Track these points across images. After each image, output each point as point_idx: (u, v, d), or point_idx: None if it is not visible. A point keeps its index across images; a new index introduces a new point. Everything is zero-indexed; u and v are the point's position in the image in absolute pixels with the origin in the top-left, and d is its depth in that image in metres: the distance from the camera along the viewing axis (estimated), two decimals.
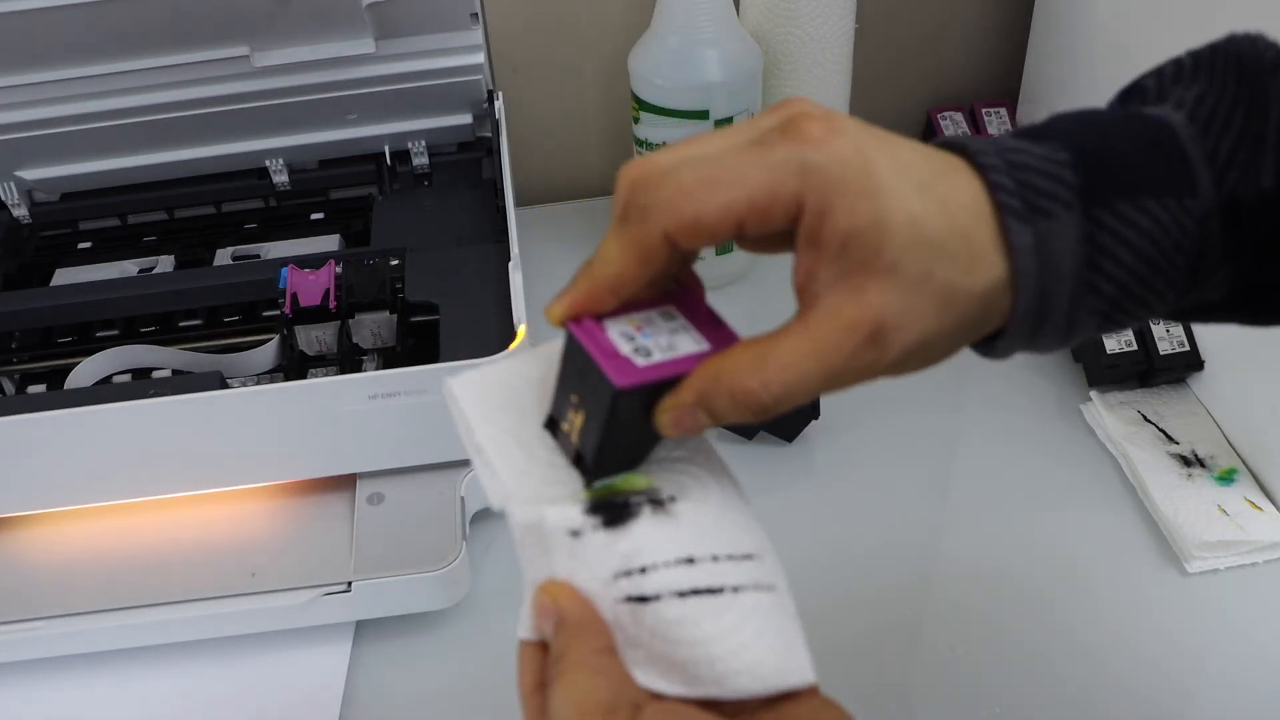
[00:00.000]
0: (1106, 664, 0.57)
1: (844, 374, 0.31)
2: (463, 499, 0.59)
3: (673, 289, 0.35)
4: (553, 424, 0.35)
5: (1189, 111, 0.33)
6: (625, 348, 0.32)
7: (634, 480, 0.33)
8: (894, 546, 0.63)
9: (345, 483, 0.61)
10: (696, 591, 0.31)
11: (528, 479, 0.33)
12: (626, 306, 0.33)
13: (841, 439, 0.69)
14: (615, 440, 0.33)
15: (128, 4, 0.63)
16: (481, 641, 0.58)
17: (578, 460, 0.34)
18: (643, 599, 0.31)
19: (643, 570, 0.31)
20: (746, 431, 0.69)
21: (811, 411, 0.68)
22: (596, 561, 0.32)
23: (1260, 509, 0.62)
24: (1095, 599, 0.60)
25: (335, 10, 0.66)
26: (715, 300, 0.35)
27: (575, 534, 0.32)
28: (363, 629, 0.59)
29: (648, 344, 0.33)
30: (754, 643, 0.31)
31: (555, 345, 0.35)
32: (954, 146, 0.33)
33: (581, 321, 0.33)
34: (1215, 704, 0.55)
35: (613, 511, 0.32)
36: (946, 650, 0.58)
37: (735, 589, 0.32)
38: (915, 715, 0.56)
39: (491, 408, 0.35)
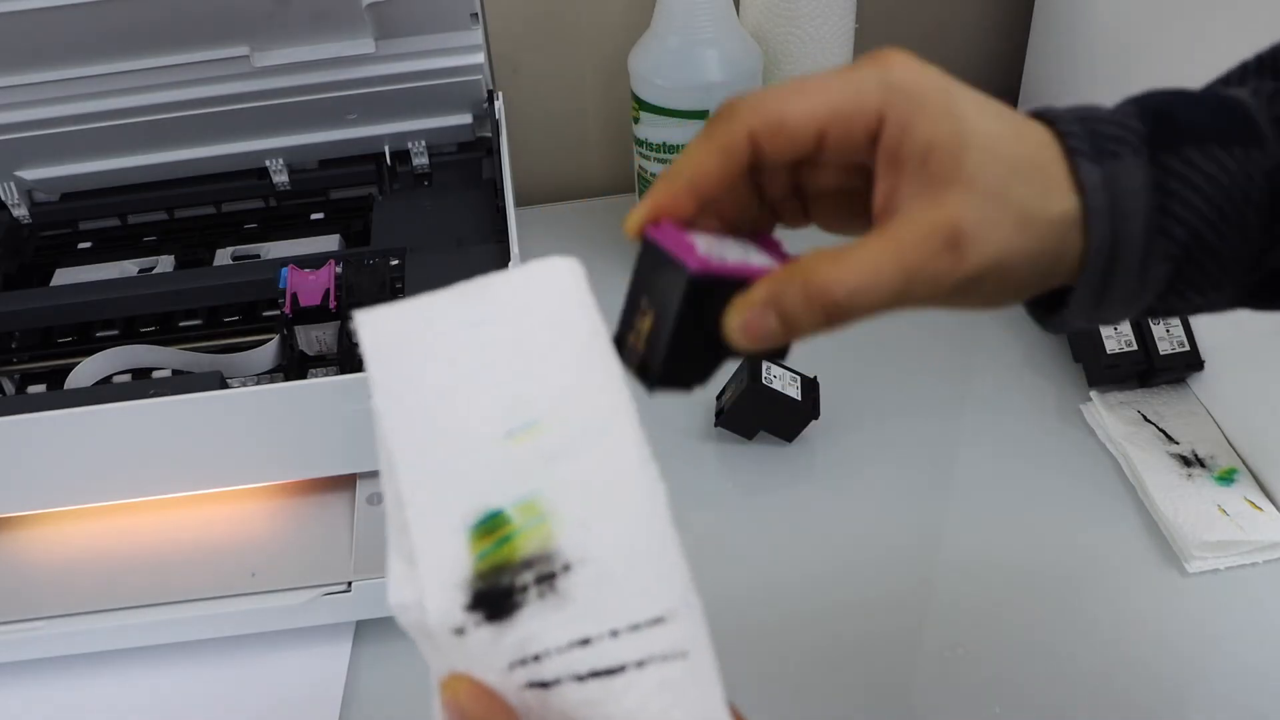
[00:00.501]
0: (1107, 664, 0.57)
1: (919, 279, 0.31)
2: None
3: (750, 235, 0.34)
4: (619, 342, 0.33)
5: (1253, 88, 0.34)
6: (701, 248, 0.32)
7: (527, 541, 0.30)
8: (894, 546, 0.63)
9: (345, 483, 0.61)
10: (595, 674, 0.29)
11: (423, 554, 0.30)
12: (707, 231, 0.33)
13: (841, 439, 0.69)
14: (684, 342, 0.31)
15: (128, 4, 0.63)
16: None
17: (642, 369, 0.32)
18: (543, 684, 0.29)
19: (536, 658, 0.29)
20: (747, 431, 0.69)
21: (812, 411, 0.68)
22: (488, 656, 0.29)
23: (1260, 509, 0.62)
24: (1095, 599, 0.60)
25: (335, 10, 0.66)
26: None
27: (459, 632, 0.29)
28: (363, 629, 0.59)
29: (724, 253, 0.32)
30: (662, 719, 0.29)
31: (495, 280, 0.33)
32: (1032, 112, 0.34)
33: (660, 224, 0.32)
34: (1215, 704, 0.55)
35: (494, 604, 0.29)
36: (947, 650, 0.58)
37: (639, 664, 0.29)
38: (916, 715, 0.56)
39: (410, 389, 0.31)
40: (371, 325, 0.32)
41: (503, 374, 0.32)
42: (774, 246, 0.35)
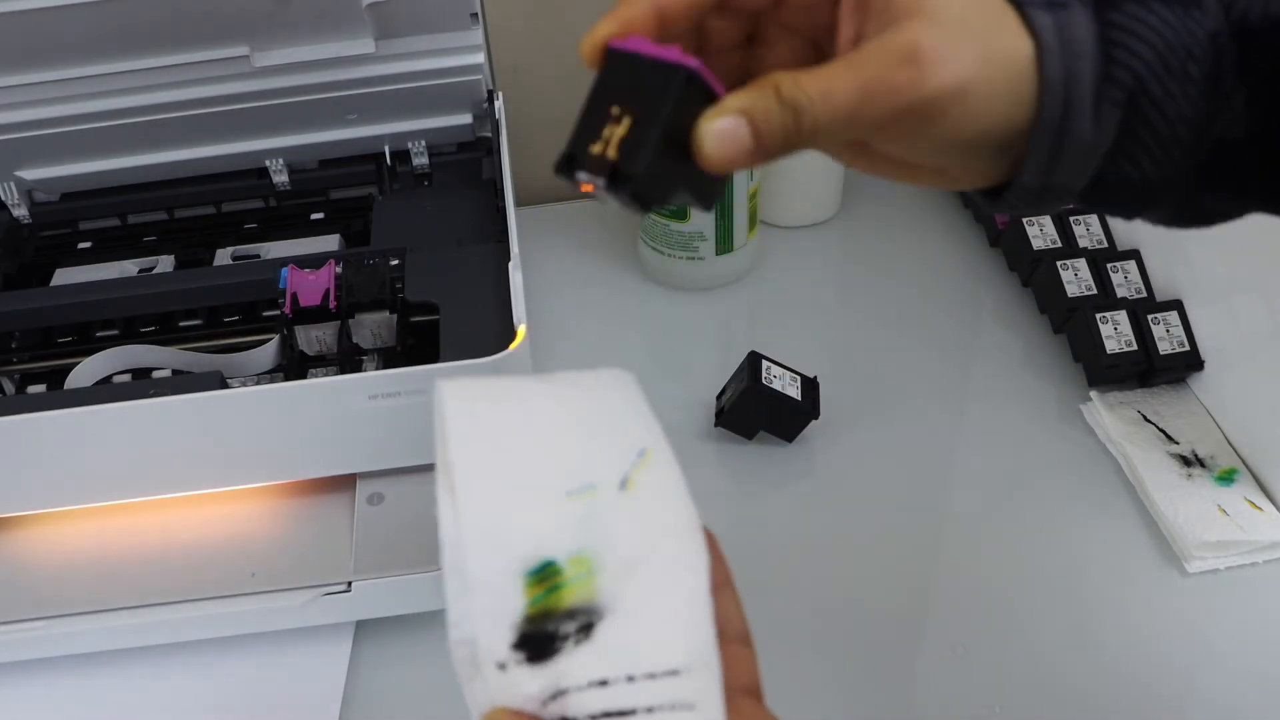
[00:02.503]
0: (1107, 664, 0.57)
1: (879, 89, 0.32)
2: None
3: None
4: (572, 157, 0.33)
5: None
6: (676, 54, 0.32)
7: (575, 592, 0.33)
8: (894, 546, 0.63)
9: (345, 483, 0.61)
10: (607, 714, 0.31)
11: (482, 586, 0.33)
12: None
13: (841, 439, 0.69)
14: (665, 147, 0.31)
15: (128, 4, 0.63)
16: None
17: (614, 177, 0.32)
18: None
19: (563, 693, 0.32)
20: (747, 431, 0.69)
21: (812, 411, 0.68)
22: (524, 692, 0.32)
23: (1260, 509, 0.62)
24: (1095, 599, 0.60)
25: (335, 10, 0.66)
26: (716, 299, 0.35)
27: (501, 667, 0.32)
28: (363, 629, 0.59)
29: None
30: None
31: (564, 376, 0.37)
32: None
33: (628, 39, 0.33)
34: (1215, 704, 0.55)
35: (537, 647, 0.32)
36: (947, 650, 0.58)
37: (649, 709, 0.31)
38: (916, 714, 0.56)
39: (483, 448, 0.35)
40: (454, 391, 0.35)
41: (566, 444, 0.35)
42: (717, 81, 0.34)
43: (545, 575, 0.33)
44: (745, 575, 0.65)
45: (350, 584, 0.56)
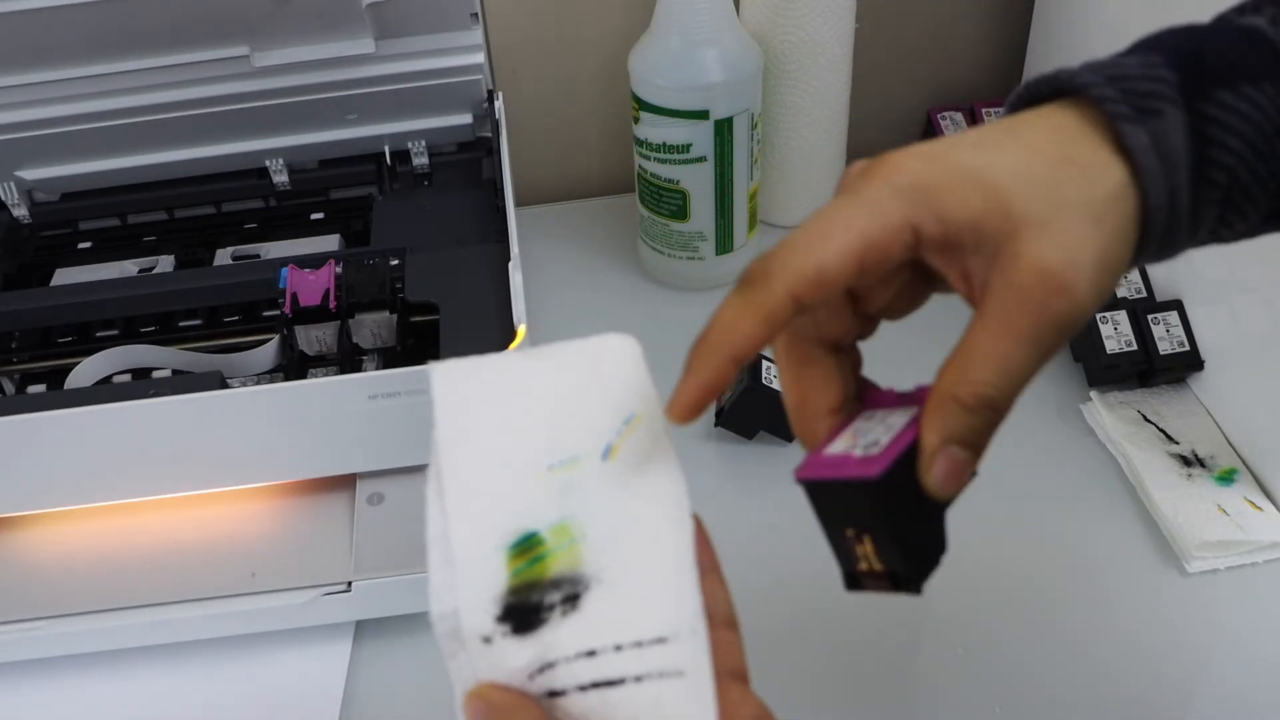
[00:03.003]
0: (1107, 664, 0.57)
1: (1046, 333, 0.31)
2: None
3: (857, 404, 0.37)
4: (854, 580, 0.36)
5: (1270, 16, 0.34)
6: (857, 453, 0.33)
7: (558, 562, 0.33)
8: None
9: (345, 483, 0.61)
10: (596, 684, 0.31)
11: (467, 560, 0.33)
12: (830, 435, 0.35)
13: None
14: (908, 533, 0.33)
15: (128, 4, 0.63)
16: None
17: (897, 583, 0.35)
18: (553, 694, 0.31)
19: (550, 666, 0.31)
20: (747, 431, 0.69)
21: None
22: (510, 665, 0.32)
23: (1260, 509, 0.62)
24: (1095, 599, 0.60)
25: (335, 10, 0.66)
26: (716, 299, 0.35)
27: (487, 640, 0.32)
28: (363, 629, 0.59)
29: (869, 440, 0.34)
30: None
31: (561, 346, 0.36)
32: (1048, 82, 0.34)
33: (804, 465, 0.34)
34: (1215, 704, 0.55)
35: (522, 618, 0.32)
36: (947, 650, 0.58)
37: (637, 678, 0.31)
38: (916, 714, 0.56)
39: (468, 426, 0.35)
40: (443, 372, 0.36)
41: (552, 418, 0.35)
42: (885, 395, 0.37)
43: (528, 547, 0.33)
44: (745, 575, 0.65)
45: (350, 584, 0.56)
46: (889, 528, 0.32)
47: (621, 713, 0.31)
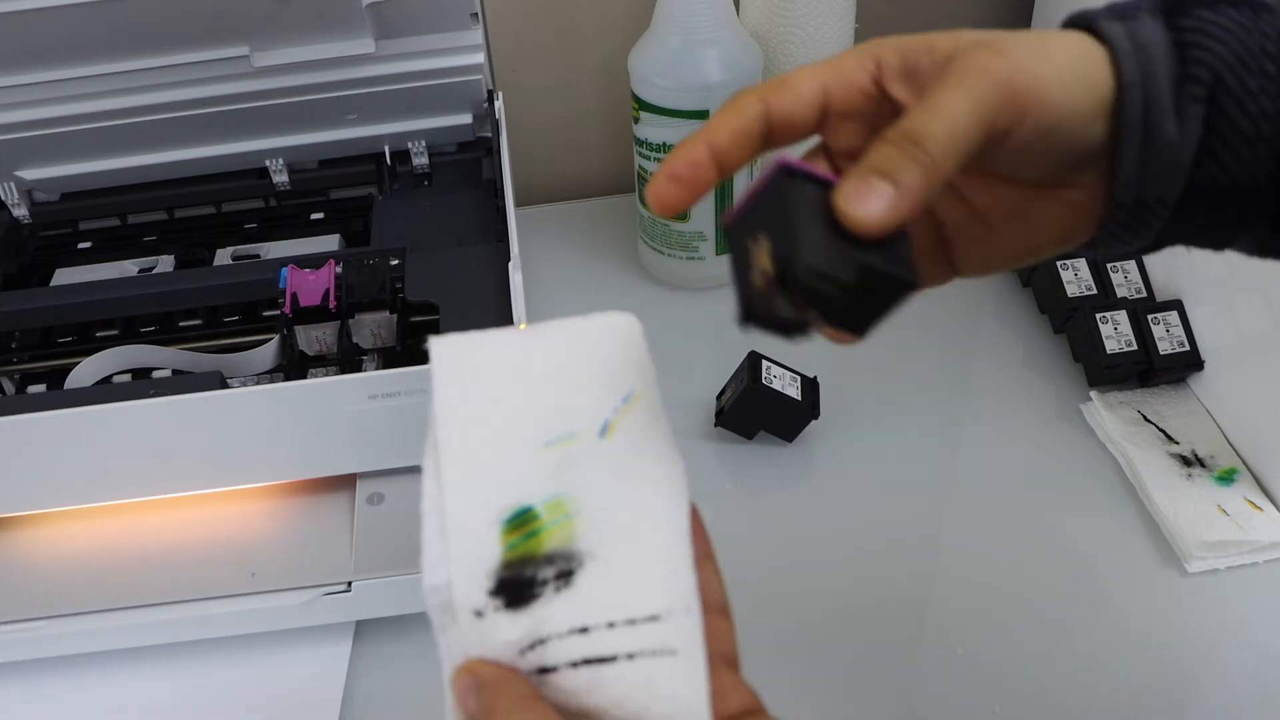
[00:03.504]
0: (1107, 663, 0.57)
1: (974, 75, 0.33)
2: None
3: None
4: (747, 311, 0.31)
5: None
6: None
7: (552, 537, 0.33)
8: (894, 546, 0.63)
9: (345, 483, 0.61)
10: (588, 661, 0.31)
11: (458, 533, 0.33)
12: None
13: (841, 439, 0.69)
14: (806, 233, 0.30)
15: (128, 4, 0.63)
16: None
17: (783, 282, 0.30)
18: (544, 670, 0.31)
19: (542, 642, 0.31)
20: (747, 431, 0.69)
21: (811, 411, 0.68)
22: (502, 640, 0.32)
23: (1260, 509, 0.62)
24: (1095, 599, 0.60)
25: (335, 10, 0.66)
26: (716, 299, 0.35)
27: (479, 614, 0.32)
28: (363, 629, 0.59)
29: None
30: (645, 713, 0.31)
31: (562, 323, 0.36)
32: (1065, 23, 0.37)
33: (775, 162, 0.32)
34: (1216, 704, 0.55)
35: (515, 592, 0.32)
36: (947, 650, 0.58)
37: (629, 655, 0.31)
38: (916, 714, 0.56)
39: (466, 400, 0.35)
40: (442, 346, 0.36)
41: (550, 394, 0.35)
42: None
43: (522, 521, 0.33)
44: (745, 575, 0.65)
45: (350, 584, 0.56)
46: (791, 222, 0.30)
47: (613, 690, 0.31)
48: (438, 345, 0.36)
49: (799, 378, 0.69)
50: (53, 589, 0.58)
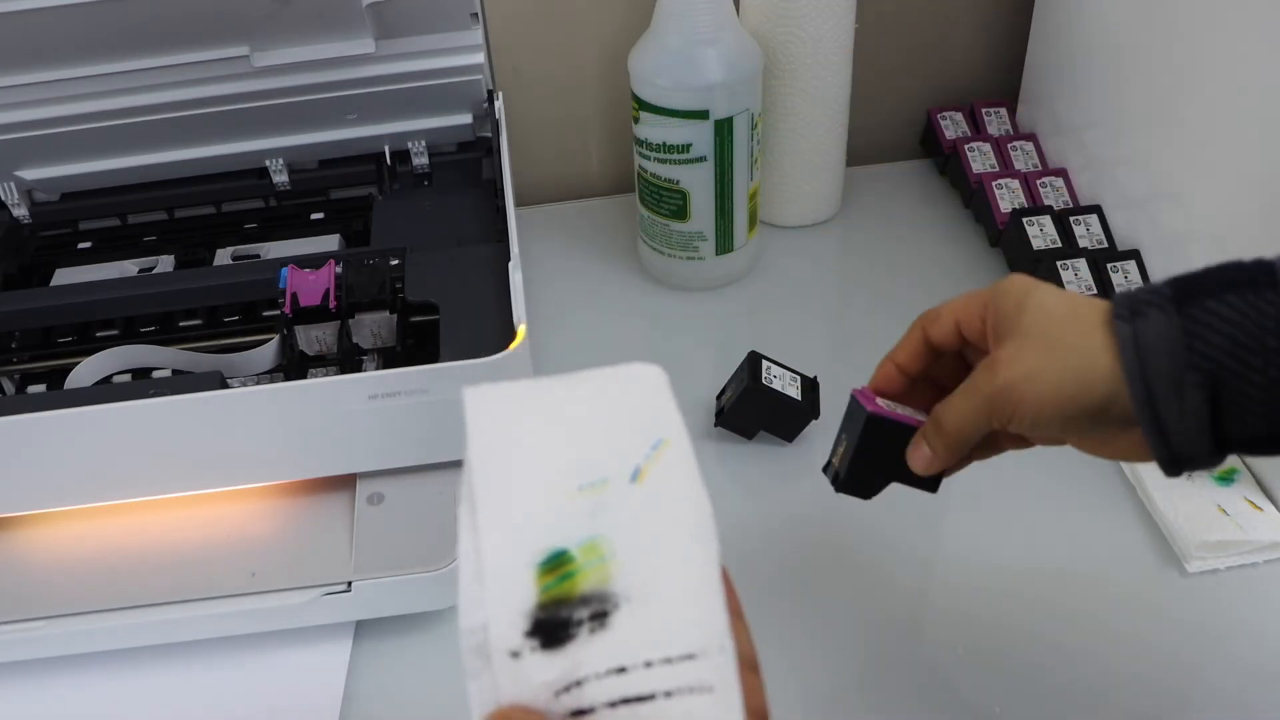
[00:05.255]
0: (1107, 664, 0.57)
1: (972, 393, 0.45)
2: None
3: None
4: (827, 467, 0.52)
5: None
6: (883, 406, 0.49)
7: (587, 579, 0.33)
8: (894, 546, 0.63)
9: (345, 483, 0.61)
10: (626, 700, 0.32)
11: (495, 577, 0.34)
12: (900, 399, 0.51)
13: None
14: (862, 462, 0.49)
15: (128, 4, 0.63)
16: None
17: (835, 479, 0.51)
18: (580, 712, 0.32)
19: (579, 684, 0.32)
20: (747, 431, 0.69)
21: (811, 411, 0.68)
22: (537, 682, 0.32)
23: (1260, 509, 0.62)
24: (1095, 599, 0.60)
25: (335, 10, 0.66)
26: (716, 299, 0.35)
27: (515, 655, 0.32)
28: (363, 629, 0.60)
29: (893, 410, 0.50)
30: None
31: (590, 374, 0.39)
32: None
33: (861, 391, 0.51)
34: (1216, 704, 0.55)
35: (551, 633, 0.33)
36: (947, 650, 0.58)
37: (667, 693, 0.32)
38: (915, 714, 0.56)
39: (500, 448, 0.36)
40: (475, 396, 0.37)
41: (581, 442, 0.36)
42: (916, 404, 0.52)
43: (558, 564, 0.33)
44: (745, 574, 0.65)
45: (350, 584, 0.56)
46: (858, 447, 0.47)
47: None
48: (471, 395, 0.37)
49: (799, 378, 0.69)
50: (53, 589, 0.58)
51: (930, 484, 0.50)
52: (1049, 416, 0.43)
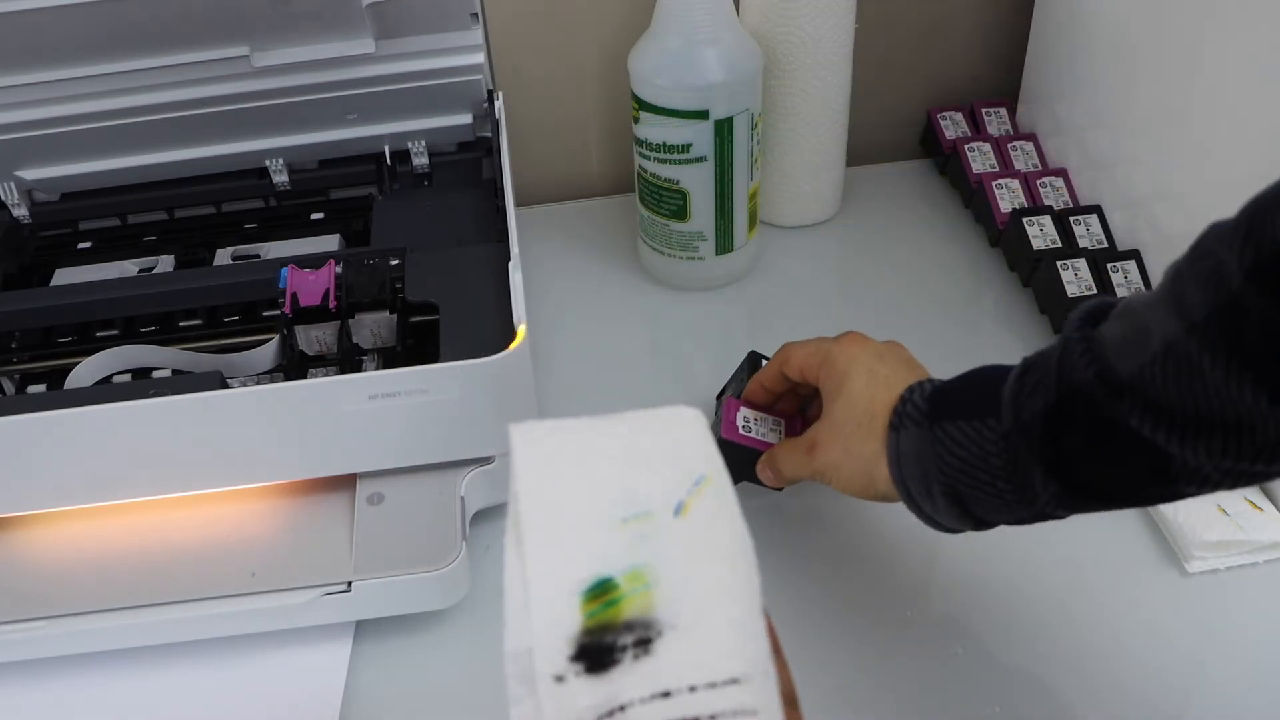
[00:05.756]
0: (1107, 664, 0.57)
1: (799, 460, 0.56)
2: (463, 499, 0.59)
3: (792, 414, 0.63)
4: None
5: (1019, 368, 0.48)
6: (739, 423, 0.61)
7: (632, 606, 0.34)
8: (894, 546, 0.63)
9: (345, 483, 0.61)
10: None
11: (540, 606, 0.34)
12: (765, 409, 0.63)
13: None
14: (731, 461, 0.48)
15: (128, 4, 0.63)
16: (481, 641, 0.58)
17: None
18: None
19: (621, 709, 0.32)
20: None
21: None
22: (580, 705, 0.33)
23: (1260, 509, 0.62)
24: (1095, 599, 0.60)
25: (335, 10, 0.66)
26: (716, 299, 0.35)
27: (559, 679, 0.33)
28: (363, 629, 0.60)
29: (752, 429, 0.61)
30: None
31: (632, 415, 0.40)
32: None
33: (730, 401, 0.62)
34: (1215, 704, 0.55)
35: (595, 658, 0.33)
36: (947, 650, 0.58)
37: (712, 717, 0.32)
38: (916, 714, 0.56)
39: (546, 480, 0.37)
40: (521, 430, 0.39)
41: (625, 476, 0.37)
42: (796, 424, 0.63)
43: (602, 591, 0.34)
44: None
45: (350, 584, 0.56)
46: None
47: None
48: (517, 430, 0.38)
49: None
50: (53, 589, 0.58)
51: (775, 488, 0.61)
52: (853, 493, 0.54)
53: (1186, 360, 0.40)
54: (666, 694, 0.33)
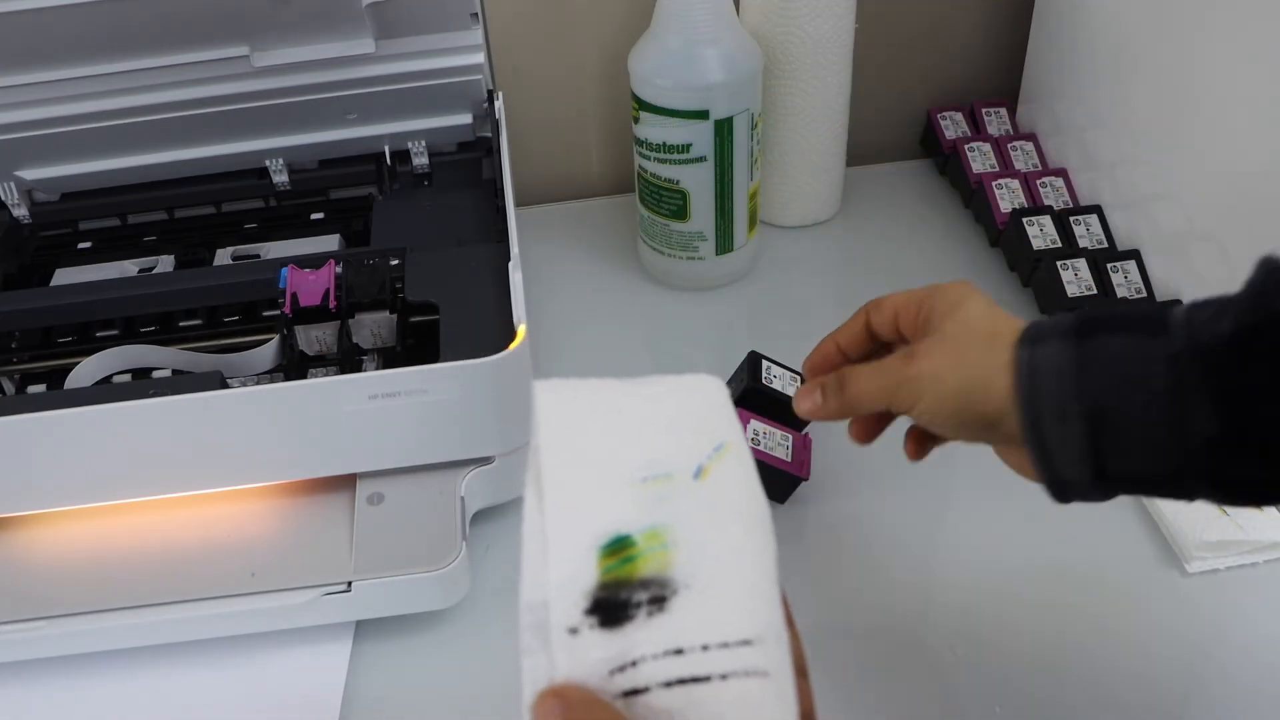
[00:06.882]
0: (1106, 664, 0.57)
1: (886, 370, 0.48)
2: (463, 499, 0.59)
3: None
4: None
5: (1189, 308, 0.42)
6: (749, 436, 0.58)
7: (648, 564, 0.34)
8: (894, 545, 0.63)
9: (345, 483, 0.61)
10: (682, 681, 0.32)
11: (557, 557, 0.35)
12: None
13: (842, 436, 0.69)
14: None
15: (128, 4, 0.63)
16: (481, 641, 0.58)
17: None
18: (634, 691, 0.32)
19: (634, 664, 0.33)
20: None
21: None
22: (593, 659, 0.33)
23: (1260, 509, 0.62)
24: (1095, 599, 0.60)
25: (335, 10, 0.66)
26: (716, 299, 0.35)
27: (573, 631, 0.33)
28: (363, 629, 0.60)
29: (761, 442, 0.61)
30: None
31: (654, 379, 0.40)
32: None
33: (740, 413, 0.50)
34: (1215, 704, 0.55)
35: (610, 613, 0.33)
36: (947, 650, 0.58)
37: (723, 675, 0.32)
38: (916, 714, 0.56)
39: (568, 438, 0.37)
40: (546, 388, 0.39)
41: (646, 439, 0.37)
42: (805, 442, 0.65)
43: (620, 547, 0.34)
44: None
45: (350, 584, 0.56)
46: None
47: (708, 708, 0.32)
48: (541, 386, 0.38)
49: (799, 377, 0.69)
50: (53, 589, 0.58)
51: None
52: (944, 416, 0.46)
53: None
54: (679, 651, 0.33)
